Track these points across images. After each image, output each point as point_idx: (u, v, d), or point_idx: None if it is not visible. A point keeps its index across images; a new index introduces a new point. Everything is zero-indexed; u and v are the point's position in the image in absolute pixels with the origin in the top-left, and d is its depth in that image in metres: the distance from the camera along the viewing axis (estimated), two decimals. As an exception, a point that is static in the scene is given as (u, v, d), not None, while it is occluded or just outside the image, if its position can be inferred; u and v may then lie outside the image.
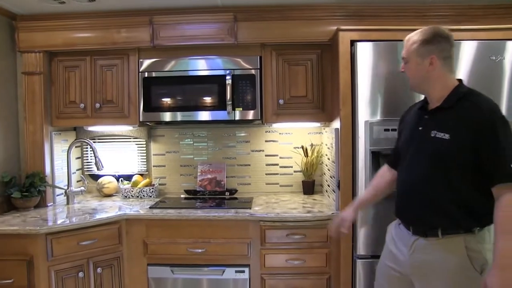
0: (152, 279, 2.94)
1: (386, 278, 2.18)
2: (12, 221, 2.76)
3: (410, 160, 2.04)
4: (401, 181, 2.11)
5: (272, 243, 2.85)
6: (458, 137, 1.85)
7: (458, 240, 1.87)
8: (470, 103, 1.88)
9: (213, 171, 3.60)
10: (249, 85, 3.10)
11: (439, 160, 1.90)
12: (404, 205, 2.07)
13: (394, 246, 2.12)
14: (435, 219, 1.92)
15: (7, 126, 3.13)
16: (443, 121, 1.92)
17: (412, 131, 2.07)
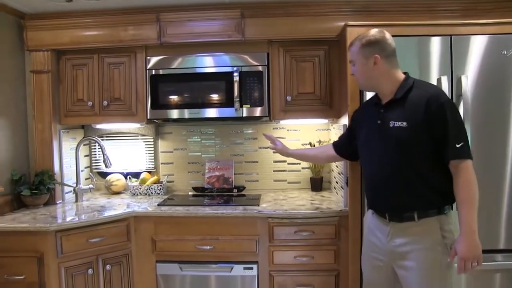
0: (161, 276, 2.95)
1: (371, 269, 2.31)
2: (22, 218, 2.78)
3: (373, 153, 2.20)
4: (370, 174, 2.27)
5: (280, 240, 2.85)
6: (414, 123, 2.03)
7: (433, 221, 2.06)
8: (419, 91, 2.07)
9: (221, 168, 3.60)
10: (256, 82, 3.09)
11: (402, 147, 2.06)
12: (378, 195, 2.21)
13: (372, 235, 2.27)
14: (410, 202, 2.07)
15: (16, 125, 3.15)
16: (398, 111, 2.09)
17: (370, 126, 2.23)
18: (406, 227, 2.09)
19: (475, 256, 1.96)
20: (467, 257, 1.95)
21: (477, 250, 1.97)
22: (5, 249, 2.64)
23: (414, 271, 2.07)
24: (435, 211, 2.05)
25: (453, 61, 2.51)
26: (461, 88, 2.47)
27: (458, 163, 1.99)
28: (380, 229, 2.21)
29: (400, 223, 2.11)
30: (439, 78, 2.48)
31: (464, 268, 1.97)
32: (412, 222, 2.07)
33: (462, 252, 1.95)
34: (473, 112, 2.48)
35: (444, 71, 2.51)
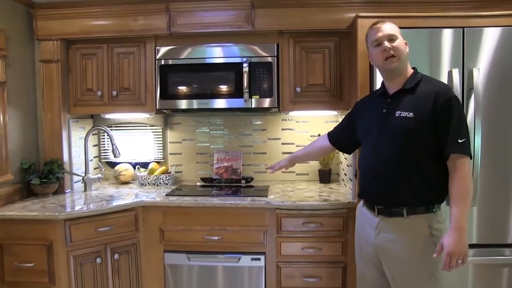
0: (168, 266, 2.97)
1: (362, 262, 2.33)
2: (32, 207, 2.80)
3: (374, 142, 2.19)
4: (367, 164, 2.24)
5: (288, 231, 2.85)
6: (420, 115, 2.03)
7: (421, 219, 2.06)
8: (428, 84, 2.09)
9: (229, 159, 3.60)
10: (266, 73, 3.08)
11: (405, 137, 2.05)
12: (372, 186, 2.20)
13: (362, 228, 2.30)
14: (403, 196, 2.07)
15: (26, 114, 3.16)
16: (406, 102, 2.09)
17: (375, 115, 2.22)
18: (394, 222, 2.10)
19: (461, 253, 1.95)
20: (453, 253, 1.94)
21: (464, 247, 1.96)
22: (15, 237, 2.67)
23: (400, 268, 2.09)
24: (423, 208, 2.06)
25: (465, 54, 2.48)
26: (473, 81, 2.44)
27: (458, 158, 1.99)
28: (368, 222, 2.23)
29: (389, 217, 2.12)
30: (450, 70, 2.46)
31: (449, 264, 1.96)
32: (401, 218, 2.08)
33: (449, 248, 1.94)
34: (484, 105, 2.46)
35: (455, 64, 2.49)
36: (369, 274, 2.27)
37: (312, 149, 2.77)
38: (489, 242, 2.53)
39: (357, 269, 2.40)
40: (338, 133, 2.59)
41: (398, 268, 2.10)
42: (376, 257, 2.19)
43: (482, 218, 2.52)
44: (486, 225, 2.25)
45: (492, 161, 2.48)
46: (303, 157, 2.89)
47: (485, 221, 2.52)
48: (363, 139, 2.31)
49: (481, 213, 2.52)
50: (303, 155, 2.84)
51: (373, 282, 2.27)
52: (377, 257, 2.19)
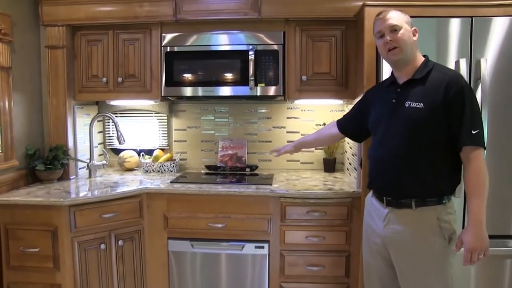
0: (172, 253, 2.98)
1: (369, 252, 2.31)
2: (36, 192, 2.81)
3: (383, 132, 2.15)
4: (376, 154, 2.20)
5: (292, 220, 2.85)
6: (430, 105, 1.98)
7: (430, 211, 2.02)
8: (439, 74, 2.03)
9: (234, 147, 3.60)
10: (272, 61, 3.06)
11: (414, 128, 2.01)
12: (380, 177, 2.17)
13: (370, 218, 2.27)
14: (412, 188, 2.04)
15: (31, 100, 3.16)
16: (416, 92, 2.04)
17: (384, 105, 2.18)
18: (403, 214, 2.07)
19: (483, 248, 1.93)
20: (474, 249, 1.92)
21: (485, 241, 1.94)
22: (20, 222, 2.68)
23: (408, 261, 2.07)
24: (434, 200, 2.02)
25: (473, 44, 2.46)
26: (480, 71, 2.42)
27: (472, 150, 1.94)
28: (377, 213, 2.20)
29: (397, 209, 2.09)
30: (458, 60, 2.44)
31: (471, 260, 1.93)
32: (409, 209, 2.05)
33: (469, 243, 1.92)
34: (491, 96, 2.44)
35: (463, 54, 2.46)
36: (376, 264, 2.26)
37: (320, 135, 2.75)
38: (493, 233, 2.52)
39: (363, 258, 2.39)
40: (348, 121, 2.57)
41: (405, 259, 2.08)
42: (383, 247, 2.17)
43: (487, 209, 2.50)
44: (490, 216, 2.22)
45: (498, 152, 2.47)
46: (310, 143, 2.87)
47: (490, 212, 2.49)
48: (372, 129, 2.28)
49: (485, 204, 2.50)
50: (310, 141, 2.82)
51: (379, 272, 2.26)
52: (384, 247, 2.17)
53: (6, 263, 2.73)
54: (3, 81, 2.86)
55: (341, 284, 2.90)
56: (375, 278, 2.29)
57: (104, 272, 2.83)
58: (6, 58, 2.87)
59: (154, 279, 3.03)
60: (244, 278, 2.94)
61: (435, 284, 2.03)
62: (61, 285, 2.69)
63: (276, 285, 2.94)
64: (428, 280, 2.03)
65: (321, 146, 3.39)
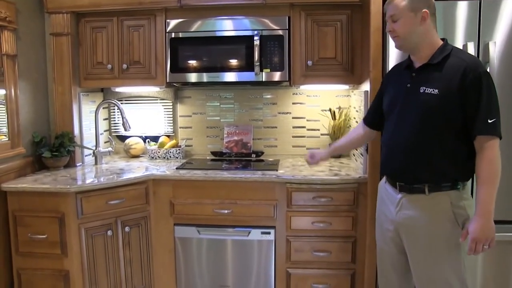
0: (178, 239, 2.99)
1: (382, 238, 2.30)
2: (43, 179, 2.82)
3: (397, 118, 2.11)
4: (388, 139, 2.17)
5: (298, 205, 2.85)
6: (446, 92, 1.93)
7: (444, 197, 1.99)
8: (456, 59, 1.95)
9: (240, 133, 3.59)
10: (277, 46, 3.04)
11: (428, 115, 1.97)
12: (393, 163, 2.14)
13: (383, 204, 2.25)
14: (425, 173, 2.01)
15: (36, 88, 3.16)
16: (431, 77, 1.99)
17: (399, 89, 2.13)
18: (416, 199, 2.05)
19: (488, 238, 1.90)
20: (479, 239, 1.89)
21: (491, 232, 1.90)
22: (28, 209, 2.70)
23: (420, 246, 2.05)
24: (448, 185, 1.99)
25: (481, 27, 2.41)
26: (489, 55, 2.38)
27: (487, 139, 1.89)
28: (390, 199, 2.18)
29: (410, 194, 2.07)
30: (465, 44, 2.40)
31: (475, 250, 1.91)
32: (422, 195, 2.02)
33: (475, 233, 1.89)
34: (499, 80, 2.39)
35: (470, 37, 2.43)
36: (389, 250, 2.24)
37: (350, 138, 2.58)
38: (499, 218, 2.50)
39: (377, 244, 2.38)
40: (373, 114, 2.43)
41: (417, 245, 2.06)
42: (396, 233, 2.16)
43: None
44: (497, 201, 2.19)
45: (506, 137, 2.43)
46: (344, 146, 2.68)
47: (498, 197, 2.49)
48: (386, 114, 2.22)
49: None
50: (343, 145, 2.64)
51: (392, 258, 2.24)
52: (397, 233, 2.16)
53: (15, 249, 2.76)
54: (9, 69, 2.86)
55: (348, 269, 2.91)
56: (388, 265, 2.28)
57: (111, 258, 2.85)
58: (12, 46, 2.87)
59: (161, 265, 3.05)
60: (250, 264, 2.96)
61: (446, 270, 2.01)
62: (69, 271, 2.72)
63: (282, 271, 2.95)
64: (439, 266, 2.02)
65: (354, 148, 3.16)
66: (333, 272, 2.91)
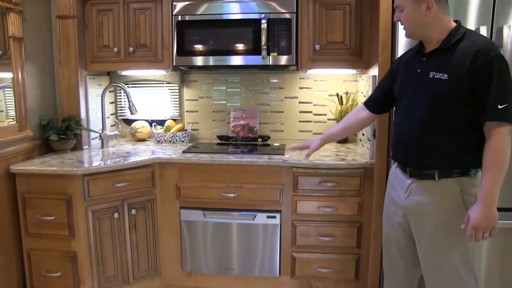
0: (184, 222, 3.01)
1: (389, 224, 2.28)
2: (51, 162, 2.84)
3: (408, 102, 2.08)
4: (399, 124, 2.14)
5: (304, 190, 2.85)
6: (455, 77, 1.88)
7: (454, 183, 1.96)
8: (469, 43, 1.89)
9: (246, 118, 3.59)
10: (284, 30, 3.01)
11: (437, 100, 1.94)
12: (403, 148, 2.11)
13: (393, 190, 2.22)
14: (434, 159, 1.98)
15: (43, 71, 3.16)
16: (441, 62, 1.95)
17: (409, 74, 2.09)
18: (426, 185, 2.02)
19: (488, 227, 1.85)
20: (479, 226, 1.84)
21: (492, 221, 1.85)
22: (36, 191, 2.72)
23: (428, 232, 2.03)
24: (459, 171, 1.94)
25: (495, 10, 2.34)
26: (503, 39, 2.32)
27: (496, 125, 1.83)
28: (400, 184, 2.16)
29: (420, 180, 2.04)
30: (478, 28, 2.34)
31: (475, 237, 1.87)
32: (432, 181, 1.99)
33: (474, 221, 1.84)
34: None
35: (483, 21, 2.35)
36: (396, 236, 2.23)
37: (348, 122, 2.49)
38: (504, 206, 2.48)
39: (383, 230, 2.37)
40: (377, 98, 2.38)
41: (426, 231, 2.04)
42: (404, 219, 2.15)
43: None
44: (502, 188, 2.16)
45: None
46: (339, 133, 2.55)
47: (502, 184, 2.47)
48: (398, 98, 2.18)
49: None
50: (338, 132, 2.53)
51: (398, 243, 2.23)
52: (405, 219, 2.14)
53: (25, 230, 2.79)
54: (15, 52, 2.85)
55: (353, 254, 2.92)
56: (395, 250, 2.28)
57: (117, 240, 2.87)
58: (18, 28, 2.86)
59: (167, 248, 3.07)
60: (256, 247, 2.97)
61: (454, 257, 2.00)
62: (76, 253, 2.75)
63: (288, 255, 2.96)
64: (447, 252, 2.00)
65: (350, 134, 3.14)
66: (338, 257, 2.92)
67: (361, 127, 2.58)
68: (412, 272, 2.27)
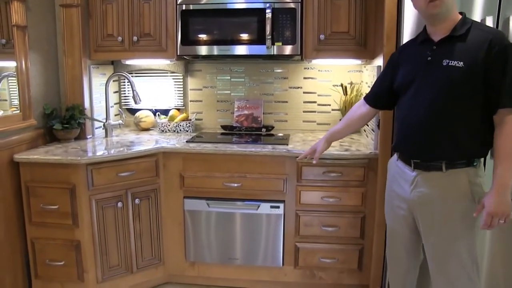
0: (188, 212, 3.01)
1: (393, 217, 2.27)
2: (55, 151, 2.84)
3: (415, 92, 2.04)
4: (406, 116, 2.10)
5: (308, 180, 2.85)
6: (471, 65, 1.87)
7: (461, 173, 1.96)
8: (480, 32, 1.90)
9: (250, 107, 3.58)
10: (289, 19, 2.99)
11: (451, 89, 1.91)
12: (410, 139, 2.08)
13: (395, 183, 2.20)
14: (443, 150, 1.97)
15: (47, 60, 3.15)
16: (455, 50, 1.92)
17: (417, 63, 2.05)
18: (432, 177, 2.01)
19: (504, 213, 1.86)
20: (495, 213, 1.85)
21: (507, 207, 1.86)
22: (40, 180, 2.73)
23: (435, 223, 2.02)
24: (464, 162, 1.94)
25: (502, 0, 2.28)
26: (509, 30, 2.29)
27: (508, 112, 1.84)
28: (403, 177, 2.13)
29: (426, 172, 2.02)
30: (483, 18, 2.30)
31: (490, 224, 1.88)
32: (439, 172, 1.98)
33: (490, 207, 1.85)
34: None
35: (489, 11, 2.30)
36: (400, 229, 2.23)
37: (350, 120, 2.47)
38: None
39: (387, 224, 2.36)
40: (377, 93, 2.36)
41: (432, 222, 2.03)
42: (409, 212, 2.14)
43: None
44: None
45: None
46: (341, 132, 2.53)
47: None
48: (402, 89, 2.14)
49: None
50: (341, 130, 2.51)
51: (402, 236, 2.23)
52: (410, 212, 2.13)
53: (29, 219, 2.79)
54: (19, 40, 2.84)
55: (356, 245, 2.92)
56: (398, 243, 2.28)
57: (121, 229, 2.88)
58: (22, 17, 2.84)
59: (170, 237, 3.08)
60: (259, 237, 2.98)
61: (460, 247, 1.99)
62: (80, 242, 2.76)
63: (291, 245, 2.97)
64: (453, 243, 1.99)
65: (354, 131, 3.05)
66: (342, 247, 2.93)
67: (363, 123, 2.54)
68: (414, 262, 2.28)
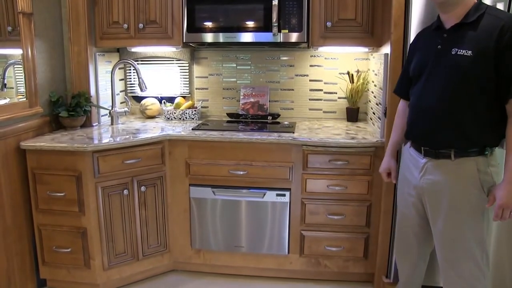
0: (193, 199, 3.01)
1: (404, 204, 2.27)
2: (61, 138, 2.84)
3: (426, 81, 2.02)
4: (416, 103, 2.08)
5: (314, 168, 2.84)
6: (480, 53, 1.82)
7: (470, 162, 1.93)
8: (492, 18, 1.84)
9: (256, 95, 3.56)
10: (295, 6, 2.96)
11: (460, 77, 1.88)
12: (419, 127, 2.07)
13: (407, 169, 2.20)
14: (452, 138, 1.94)
15: (52, 47, 3.14)
16: (464, 38, 1.88)
17: (429, 51, 2.03)
18: (441, 164, 1.99)
19: None
20: (506, 205, 1.84)
21: None
22: (47, 167, 2.74)
23: (443, 211, 2.01)
24: (476, 150, 1.91)
25: None
26: None
27: None
28: (414, 164, 2.13)
29: (435, 159, 2.01)
30: (495, 4, 2.28)
31: (501, 216, 1.87)
32: (448, 160, 1.96)
33: (501, 200, 1.84)
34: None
35: None
36: (410, 215, 2.23)
37: (402, 124, 2.30)
38: None
39: (398, 208, 2.37)
40: (404, 82, 2.26)
41: (441, 210, 2.02)
42: (418, 199, 2.14)
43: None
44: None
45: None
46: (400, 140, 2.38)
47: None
48: (414, 77, 2.12)
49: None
50: (399, 139, 2.37)
51: (412, 223, 2.23)
52: (419, 199, 2.13)
53: (35, 206, 2.81)
54: (25, 27, 2.83)
55: (362, 233, 2.92)
56: (408, 229, 2.28)
57: (127, 217, 2.89)
58: (28, 4, 2.83)
59: (176, 225, 3.09)
60: (265, 225, 2.98)
61: (468, 236, 1.98)
62: (86, 229, 2.77)
63: (297, 233, 2.97)
64: (461, 231, 1.98)
65: None
66: (347, 235, 2.93)
67: None
68: (424, 250, 2.29)
